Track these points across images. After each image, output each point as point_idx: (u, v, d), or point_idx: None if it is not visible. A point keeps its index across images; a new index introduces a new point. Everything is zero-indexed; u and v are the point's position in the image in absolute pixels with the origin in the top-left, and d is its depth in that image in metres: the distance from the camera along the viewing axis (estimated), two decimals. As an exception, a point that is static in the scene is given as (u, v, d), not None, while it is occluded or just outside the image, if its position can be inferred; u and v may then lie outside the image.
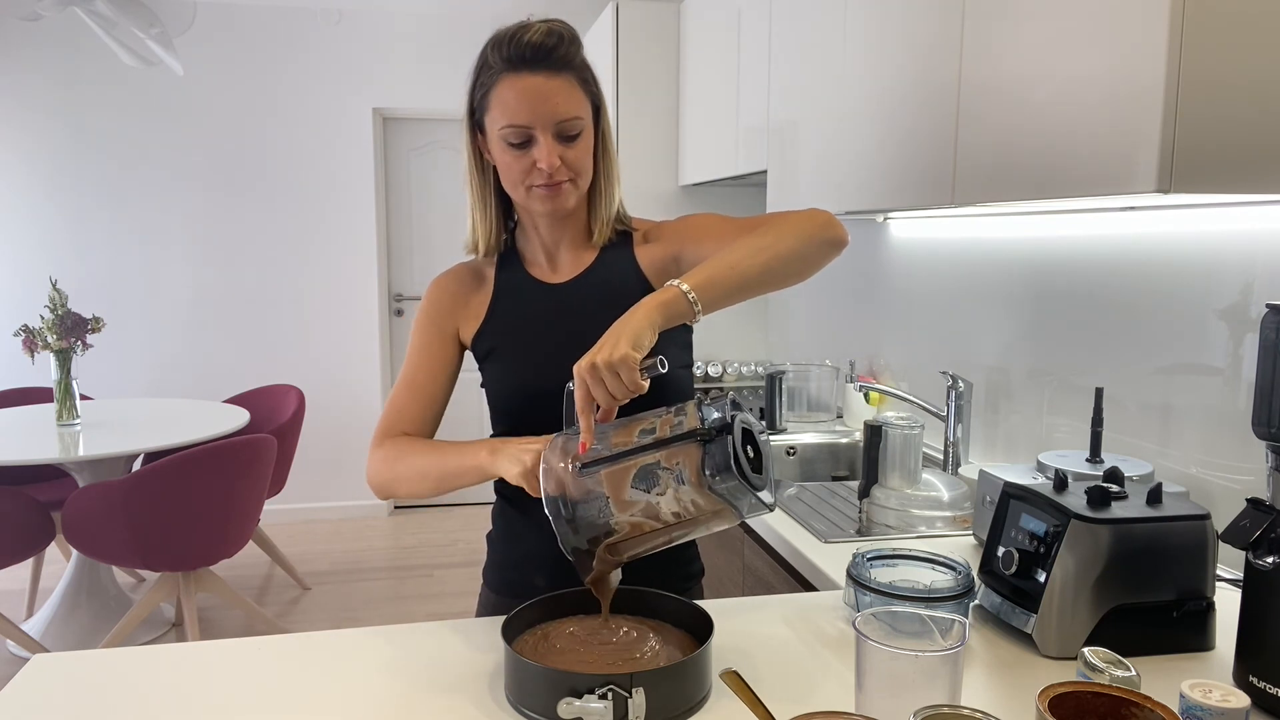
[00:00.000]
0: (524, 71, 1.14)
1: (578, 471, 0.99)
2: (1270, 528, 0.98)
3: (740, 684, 0.84)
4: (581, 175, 1.21)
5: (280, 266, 4.68)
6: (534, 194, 1.20)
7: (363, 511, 4.91)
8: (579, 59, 1.18)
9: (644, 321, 1.03)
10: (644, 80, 3.25)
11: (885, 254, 2.51)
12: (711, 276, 1.08)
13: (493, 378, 1.29)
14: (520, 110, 1.15)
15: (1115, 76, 1.18)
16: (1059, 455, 1.54)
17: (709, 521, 0.98)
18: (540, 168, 1.17)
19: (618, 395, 1.00)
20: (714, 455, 0.93)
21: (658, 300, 1.05)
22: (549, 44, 1.14)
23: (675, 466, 0.95)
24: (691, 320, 1.07)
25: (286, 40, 4.53)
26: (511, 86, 1.15)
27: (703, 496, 0.94)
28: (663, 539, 1.00)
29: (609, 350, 0.99)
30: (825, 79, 2.06)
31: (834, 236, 1.17)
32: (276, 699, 1.01)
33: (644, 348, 1.01)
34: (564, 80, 1.16)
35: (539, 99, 1.14)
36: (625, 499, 0.97)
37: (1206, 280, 1.49)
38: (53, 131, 4.41)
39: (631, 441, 0.99)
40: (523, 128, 1.16)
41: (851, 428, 2.52)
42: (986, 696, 1.02)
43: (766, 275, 1.12)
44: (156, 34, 3.18)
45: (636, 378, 0.99)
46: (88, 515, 2.99)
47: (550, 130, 1.16)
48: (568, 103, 1.16)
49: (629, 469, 0.98)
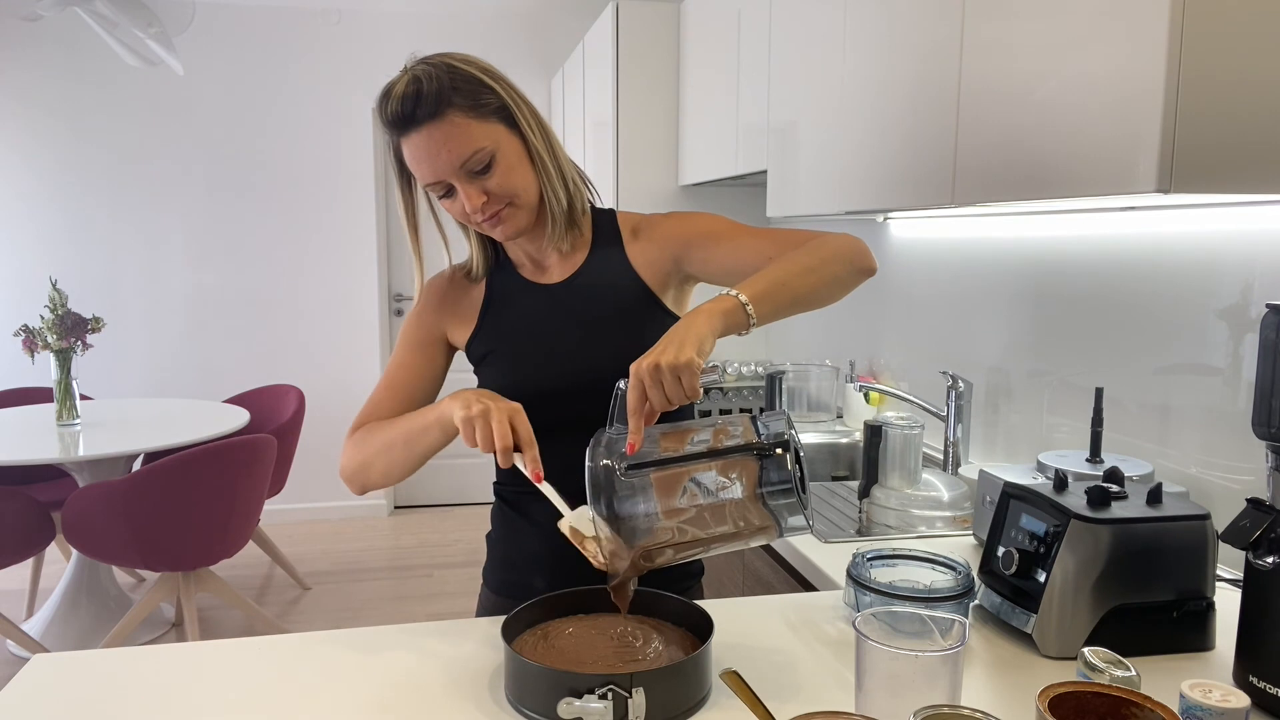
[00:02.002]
0: (409, 132, 1.12)
1: (623, 471, 0.98)
2: (1270, 528, 0.98)
3: (740, 684, 0.84)
4: (518, 194, 1.16)
5: (280, 266, 4.68)
6: (484, 228, 1.19)
7: (363, 511, 4.91)
8: (455, 88, 1.11)
9: (706, 328, 1.01)
10: (644, 80, 3.25)
11: (885, 254, 2.51)
12: (767, 290, 1.07)
13: (488, 381, 1.28)
14: (423, 169, 1.14)
15: (1115, 76, 1.18)
16: (1059, 455, 1.54)
17: (751, 536, 0.97)
18: (467, 211, 1.16)
19: (674, 400, 0.98)
20: (771, 470, 0.93)
21: (720, 308, 1.03)
22: (413, 94, 1.09)
23: (731, 478, 0.95)
24: (743, 332, 1.06)
25: (286, 40, 4.53)
26: (407, 148, 1.14)
27: (755, 511, 0.94)
28: (700, 549, 0.99)
29: (674, 353, 0.97)
30: (825, 79, 2.06)
31: (869, 265, 1.17)
32: (276, 699, 1.01)
33: (705, 355, 1.00)
34: (447, 123, 1.10)
35: (431, 154, 1.12)
36: (674, 505, 0.96)
37: (1206, 280, 1.49)
38: (53, 131, 4.40)
39: (683, 449, 0.98)
40: (435, 184, 1.15)
41: (851, 428, 2.52)
42: (986, 696, 1.02)
43: (812, 297, 1.12)
44: (155, 33, 3.18)
45: (697, 384, 0.97)
46: (88, 515, 2.99)
47: (459, 175, 1.13)
48: (461, 144, 1.11)
49: (681, 475, 0.97)
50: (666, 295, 1.27)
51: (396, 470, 1.18)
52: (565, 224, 1.23)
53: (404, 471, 1.19)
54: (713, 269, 1.24)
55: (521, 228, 1.20)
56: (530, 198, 1.18)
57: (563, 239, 1.24)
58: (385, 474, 1.20)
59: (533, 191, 1.18)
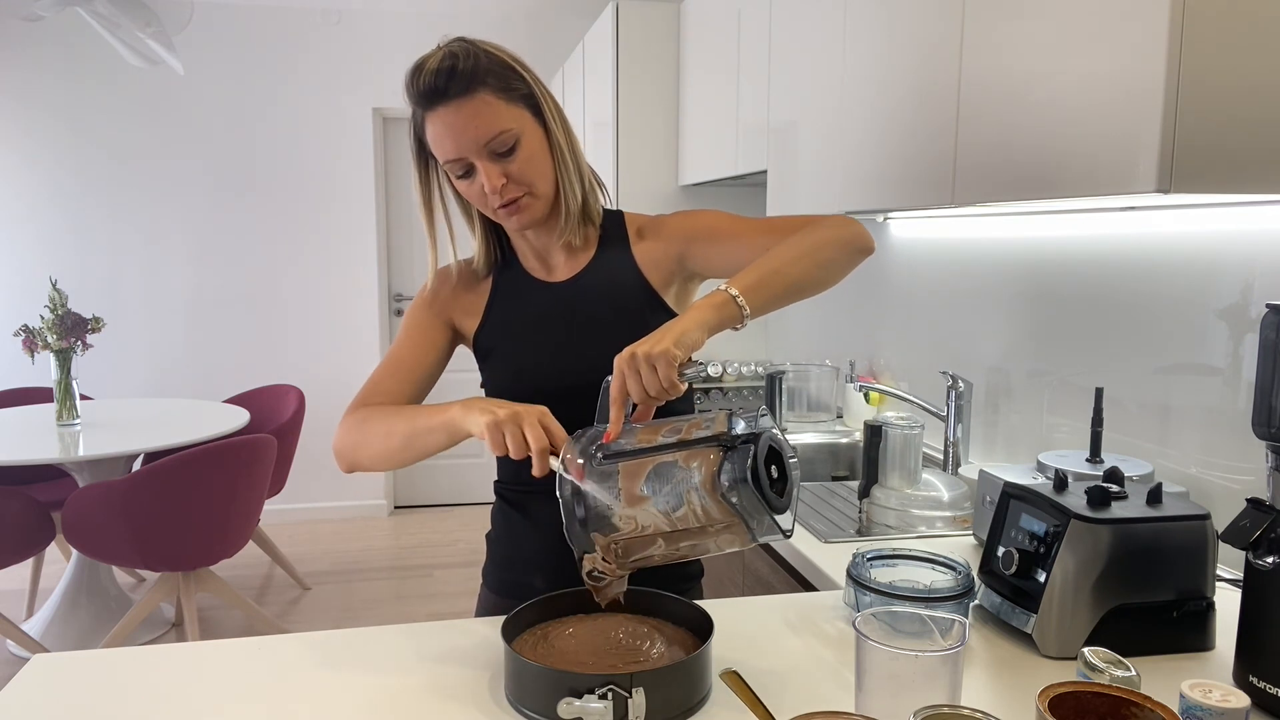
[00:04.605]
0: (438, 106, 1.12)
1: (598, 462, 0.98)
2: (1270, 528, 0.98)
3: (740, 684, 0.85)
4: (536, 184, 1.17)
5: (280, 266, 4.68)
6: (499, 214, 1.19)
7: (363, 511, 4.91)
8: (489, 69, 1.13)
9: (693, 322, 1.01)
10: (644, 80, 3.25)
11: (885, 254, 2.51)
12: (759, 281, 1.07)
13: (492, 377, 1.28)
14: (446, 145, 1.13)
15: (1115, 76, 1.18)
16: (1059, 455, 1.54)
17: (719, 535, 0.96)
18: (486, 193, 1.16)
19: (651, 390, 0.98)
20: (733, 463, 0.93)
21: (710, 303, 1.04)
22: (447, 69, 1.10)
23: (692, 468, 0.95)
24: (739, 325, 1.06)
25: (286, 40, 4.53)
26: (432, 123, 1.13)
27: (715, 505, 0.93)
28: (668, 546, 0.99)
29: (652, 344, 0.98)
30: (825, 79, 2.06)
31: (866, 245, 1.17)
32: (276, 699, 1.01)
33: (689, 347, 1.00)
34: (478, 100, 1.11)
35: (458, 129, 1.12)
36: (636, 493, 0.96)
37: (1206, 280, 1.49)
38: (53, 131, 4.40)
39: (656, 440, 0.98)
40: (456, 161, 1.14)
41: (851, 428, 2.52)
42: (986, 696, 1.02)
43: (808, 282, 1.11)
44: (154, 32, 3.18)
45: (674, 375, 0.98)
46: (88, 515, 2.99)
47: (482, 154, 1.13)
48: (488, 122, 1.12)
49: (645, 464, 0.97)
50: (669, 293, 1.27)
51: (389, 461, 1.17)
52: (579, 220, 1.24)
53: (396, 464, 1.18)
54: (716, 265, 1.24)
55: (537, 218, 1.20)
56: (547, 188, 1.19)
57: (574, 234, 1.25)
58: (376, 460, 1.18)
59: (550, 182, 1.19)
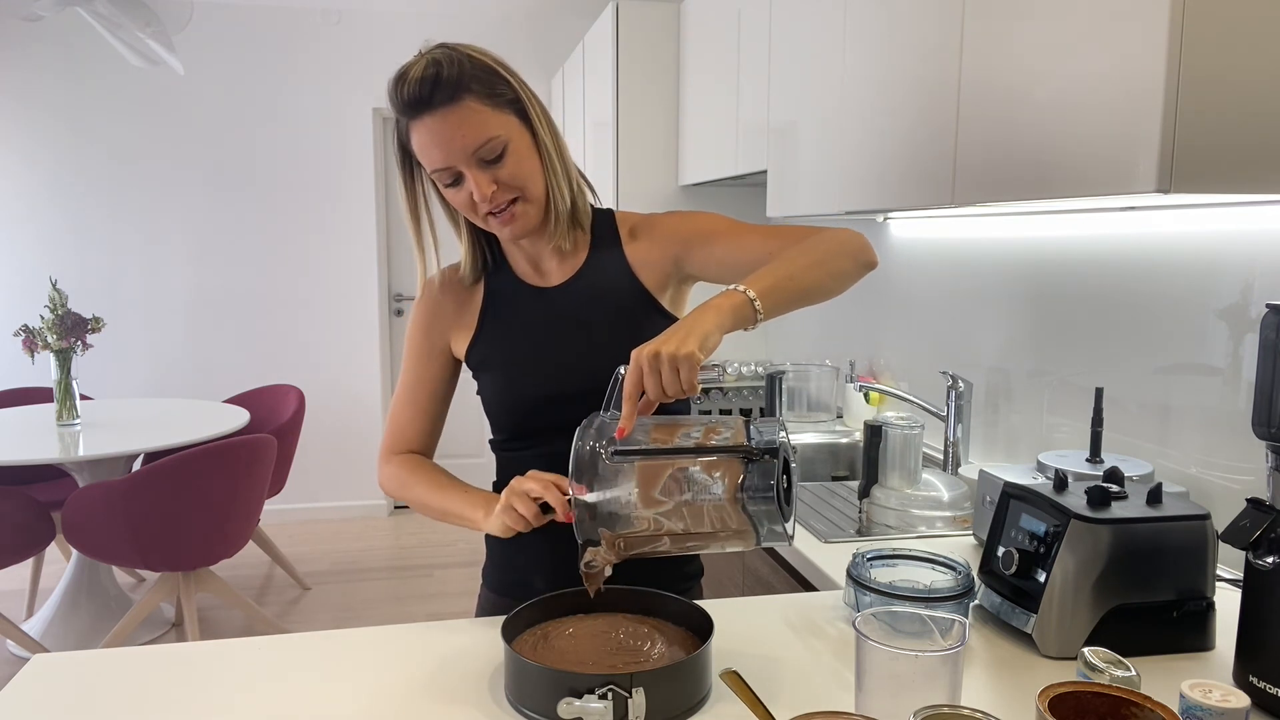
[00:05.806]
0: (423, 115, 1.11)
1: (609, 455, 0.98)
2: (1270, 528, 0.98)
3: (740, 684, 0.85)
4: (527, 188, 1.16)
5: (280, 266, 4.68)
6: (490, 222, 1.18)
7: (363, 511, 4.91)
8: (474, 75, 1.11)
9: (713, 324, 1.01)
10: (644, 80, 3.25)
11: (885, 254, 2.51)
12: (775, 285, 1.06)
13: (488, 386, 1.28)
14: (433, 154, 1.12)
15: (1115, 76, 1.18)
16: (1059, 455, 1.54)
17: (727, 540, 0.97)
18: (476, 201, 1.15)
19: (670, 391, 0.97)
20: (755, 475, 0.92)
21: (728, 304, 1.03)
22: (431, 78, 1.09)
23: (714, 477, 0.94)
24: (750, 327, 1.05)
25: (286, 40, 4.53)
26: (418, 132, 1.12)
27: (733, 513, 0.94)
28: (674, 544, 0.99)
29: (677, 344, 0.97)
30: (825, 79, 2.06)
31: (871, 260, 1.17)
32: (276, 699, 1.01)
33: (709, 350, 0.99)
34: (464, 108, 1.10)
35: (445, 138, 1.11)
36: (654, 496, 0.96)
37: (1206, 280, 1.49)
38: (53, 131, 4.40)
39: (672, 441, 0.98)
40: (445, 169, 1.13)
41: (851, 428, 2.52)
42: (986, 696, 1.02)
43: (817, 290, 1.11)
44: (154, 32, 3.18)
45: (695, 378, 0.97)
46: (88, 515, 2.99)
47: (471, 162, 1.12)
48: (475, 130, 1.11)
49: (664, 467, 0.97)
50: (664, 296, 1.27)
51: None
52: (568, 223, 1.23)
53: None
54: (713, 268, 1.23)
55: (531, 226, 1.19)
56: (538, 192, 1.18)
57: (564, 238, 1.24)
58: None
59: (540, 186, 1.18)
